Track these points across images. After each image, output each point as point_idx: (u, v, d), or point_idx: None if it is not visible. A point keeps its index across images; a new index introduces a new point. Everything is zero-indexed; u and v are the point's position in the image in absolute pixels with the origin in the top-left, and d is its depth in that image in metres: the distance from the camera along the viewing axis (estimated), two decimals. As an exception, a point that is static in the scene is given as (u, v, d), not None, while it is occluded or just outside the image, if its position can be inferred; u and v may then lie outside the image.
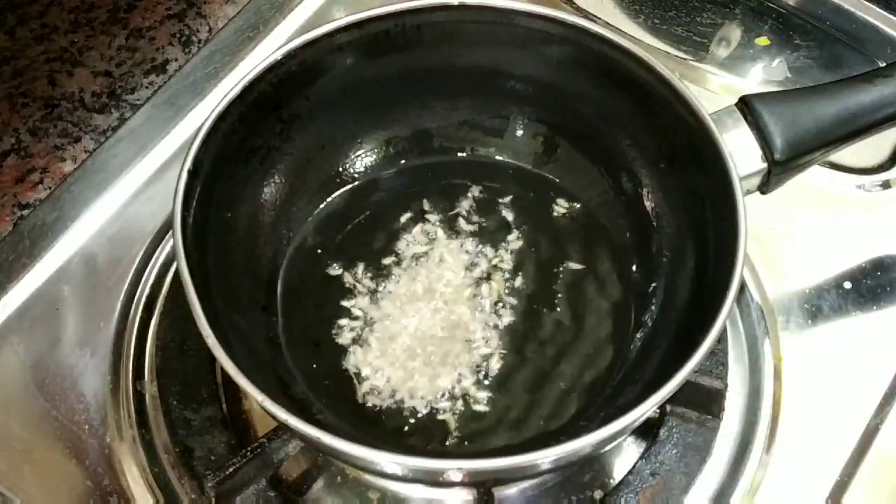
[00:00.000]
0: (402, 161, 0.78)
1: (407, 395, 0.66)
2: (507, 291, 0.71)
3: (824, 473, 0.67)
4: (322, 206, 0.76)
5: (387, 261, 0.73)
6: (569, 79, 0.71)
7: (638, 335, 0.69)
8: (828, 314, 0.74)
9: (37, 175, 0.80)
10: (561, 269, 0.73)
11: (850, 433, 0.68)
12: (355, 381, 0.67)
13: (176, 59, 0.88)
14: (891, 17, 0.89)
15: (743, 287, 0.74)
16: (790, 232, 0.77)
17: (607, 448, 0.66)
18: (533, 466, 0.55)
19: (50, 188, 0.79)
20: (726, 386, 0.67)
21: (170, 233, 0.74)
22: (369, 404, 0.66)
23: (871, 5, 0.90)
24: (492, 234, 0.74)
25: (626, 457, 0.68)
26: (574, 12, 0.88)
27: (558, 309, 0.70)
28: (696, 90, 0.80)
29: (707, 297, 0.59)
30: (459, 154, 0.79)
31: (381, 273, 0.72)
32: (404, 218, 0.75)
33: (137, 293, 0.74)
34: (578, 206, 0.76)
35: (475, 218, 0.75)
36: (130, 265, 0.75)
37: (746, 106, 0.64)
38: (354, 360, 0.68)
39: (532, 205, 0.76)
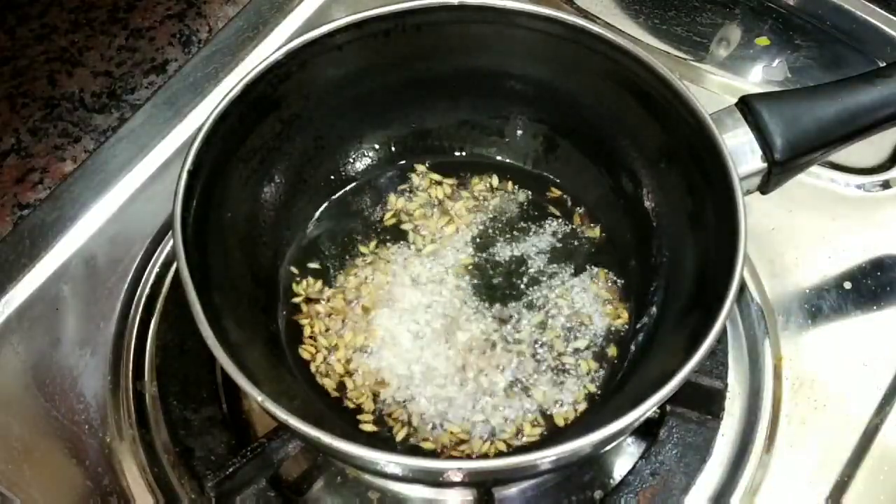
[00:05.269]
0: (403, 161, 0.78)
1: (408, 395, 0.66)
2: (506, 290, 0.71)
3: (824, 473, 0.67)
4: (322, 206, 0.76)
5: (387, 260, 0.73)
6: (569, 79, 0.71)
7: (638, 335, 0.69)
8: (828, 314, 0.74)
9: (37, 175, 0.80)
10: (560, 269, 0.73)
11: (850, 433, 0.68)
12: (354, 380, 0.67)
13: (176, 59, 0.88)
14: (891, 17, 0.89)
15: (743, 287, 0.74)
16: (790, 232, 0.77)
17: (607, 448, 0.66)
18: (533, 467, 0.55)
19: (50, 188, 0.79)
20: (726, 386, 0.67)
21: (170, 233, 0.74)
22: (368, 403, 0.66)
23: (871, 5, 0.90)
24: (492, 234, 0.74)
25: (626, 457, 0.68)
26: (574, 12, 0.88)
27: (558, 308, 0.70)
28: (696, 90, 0.80)
29: (707, 297, 0.59)
30: (459, 154, 0.79)
31: (381, 273, 0.72)
32: (403, 218, 0.75)
33: (137, 293, 0.74)
34: (578, 206, 0.76)
35: (475, 217, 0.75)
36: (130, 265, 0.75)
37: (746, 106, 0.64)
38: (354, 359, 0.68)
39: (532, 205, 0.76)
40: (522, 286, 0.72)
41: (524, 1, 0.68)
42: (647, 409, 0.53)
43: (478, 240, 0.74)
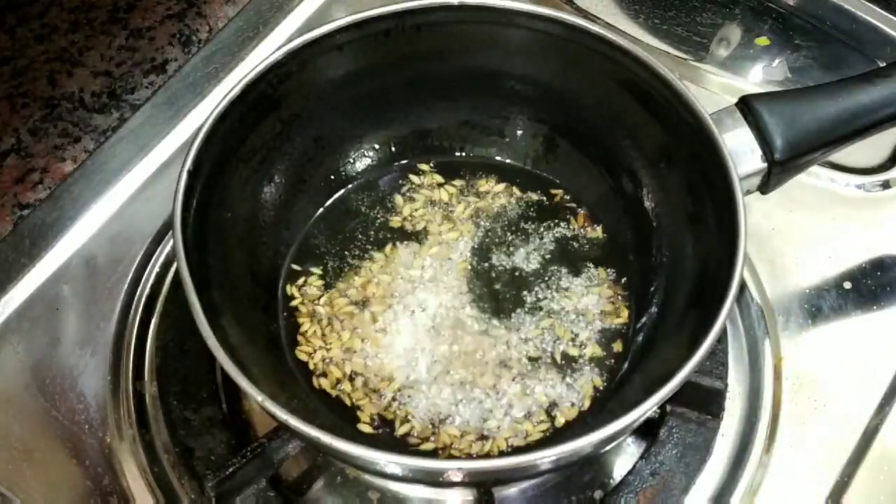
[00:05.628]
0: (403, 161, 0.78)
1: (408, 395, 0.66)
2: (507, 291, 0.71)
3: (824, 473, 0.67)
4: (322, 206, 0.76)
5: (389, 261, 0.73)
6: (569, 79, 0.71)
7: (638, 335, 0.69)
8: (828, 314, 0.74)
9: (37, 175, 0.80)
10: (561, 269, 0.73)
11: (850, 433, 0.68)
12: (353, 380, 0.67)
13: (176, 59, 0.88)
14: (891, 17, 0.89)
15: (743, 287, 0.74)
16: (790, 232, 0.77)
17: (607, 448, 0.66)
18: (533, 467, 0.55)
19: (50, 188, 0.79)
20: (726, 386, 0.67)
21: (170, 233, 0.74)
22: (369, 404, 0.66)
23: (871, 5, 0.90)
24: (492, 235, 0.74)
25: (626, 457, 0.68)
26: (574, 12, 0.88)
27: (559, 308, 0.70)
28: (696, 90, 0.81)
29: (707, 297, 0.59)
30: (459, 154, 0.79)
31: (382, 273, 0.72)
32: (404, 218, 0.75)
33: (137, 293, 0.74)
34: (579, 206, 0.76)
35: (475, 218, 0.75)
36: (130, 265, 0.75)
37: (746, 106, 0.64)
38: (353, 360, 0.68)
39: (532, 205, 0.76)
40: (523, 287, 0.72)
41: (524, 1, 0.68)
42: (647, 409, 0.53)
43: (479, 241, 0.74)
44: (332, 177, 0.76)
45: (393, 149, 0.78)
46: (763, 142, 0.63)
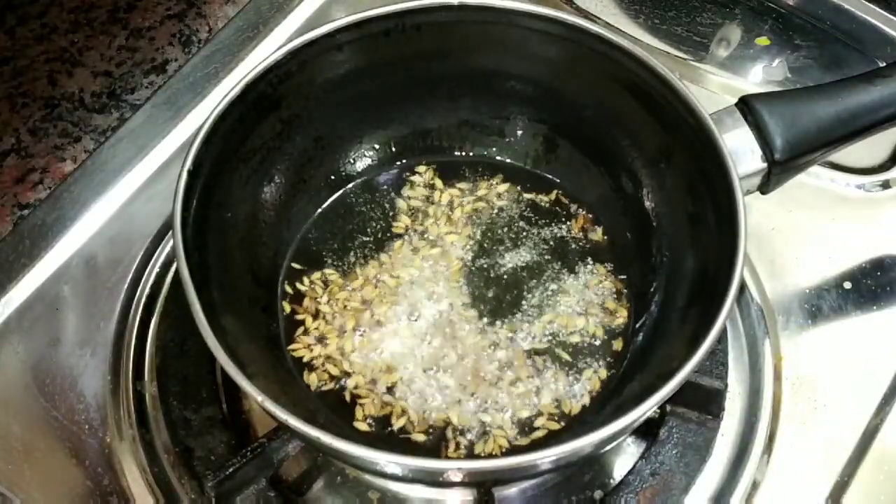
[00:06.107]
0: (403, 161, 0.78)
1: (408, 394, 0.66)
2: (507, 290, 0.71)
3: (824, 473, 0.67)
4: (322, 205, 0.76)
5: (389, 261, 0.73)
6: (569, 79, 0.71)
7: (638, 335, 0.69)
8: (828, 314, 0.74)
9: (37, 175, 0.80)
10: (561, 269, 0.73)
11: (850, 433, 0.68)
12: (354, 379, 0.67)
13: (176, 59, 0.88)
14: (891, 17, 0.89)
15: (743, 287, 0.74)
16: (790, 232, 0.77)
17: (607, 448, 0.66)
18: (533, 466, 0.55)
19: (50, 188, 0.79)
20: (726, 386, 0.67)
21: (170, 233, 0.74)
22: (369, 403, 0.66)
23: (871, 5, 0.90)
24: (491, 234, 0.74)
25: (626, 457, 0.68)
26: (574, 12, 0.88)
27: (557, 308, 0.70)
28: (696, 90, 0.81)
29: (707, 297, 0.59)
30: (459, 154, 0.79)
31: (382, 273, 0.72)
32: (404, 218, 0.75)
33: (137, 293, 0.74)
34: (579, 206, 0.76)
35: (474, 217, 0.75)
36: (130, 265, 0.75)
37: (746, 106, 0.64)
38: (353, 359, 0.68)
39: (532, 205, 0.76)
40: (523, 286, 0.72)
41: (524, 1, 0.68)
42: (647, 409, 0.53)
43: (478, 240, 0.74)
44: (332, 177, 0.76)
45: (393, 149, 0.78)
46: (763, 142, 0.63)
